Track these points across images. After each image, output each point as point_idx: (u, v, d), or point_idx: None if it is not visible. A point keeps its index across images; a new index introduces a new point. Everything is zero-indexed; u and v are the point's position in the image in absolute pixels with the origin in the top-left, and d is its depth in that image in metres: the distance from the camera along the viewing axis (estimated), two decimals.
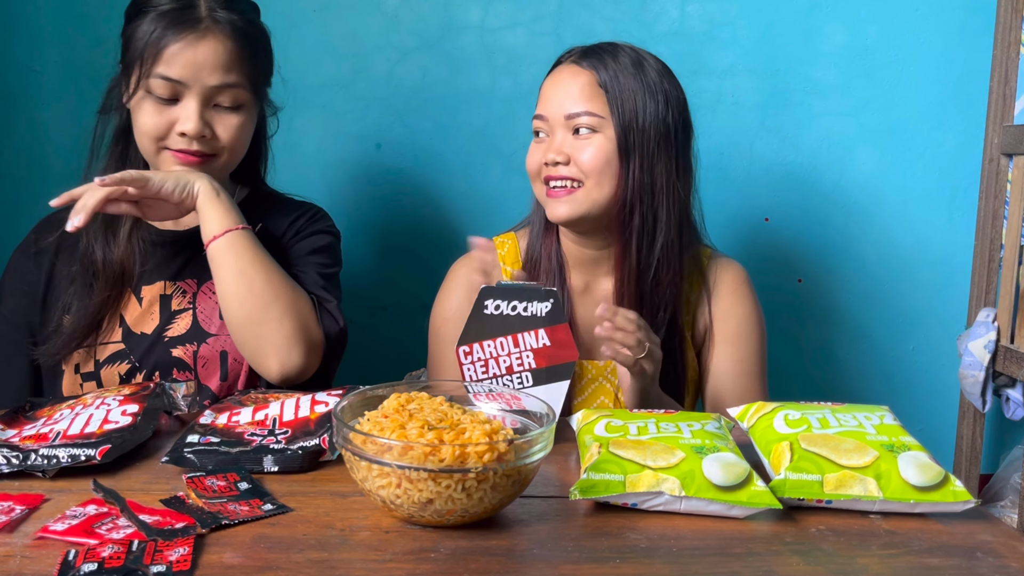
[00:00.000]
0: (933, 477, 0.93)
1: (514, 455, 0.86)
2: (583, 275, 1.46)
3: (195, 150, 1.32)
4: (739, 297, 1.47)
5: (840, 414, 1.03)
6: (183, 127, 1.29)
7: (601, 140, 1.35)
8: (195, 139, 1.31)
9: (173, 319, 1.39)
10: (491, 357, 1.07)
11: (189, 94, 1.29)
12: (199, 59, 1.28)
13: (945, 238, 1.98)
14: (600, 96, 1.36)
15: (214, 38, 1.30)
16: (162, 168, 1.34)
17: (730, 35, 1.90)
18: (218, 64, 1.30)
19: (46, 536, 0.83)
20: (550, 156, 1.36)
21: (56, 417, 1.08)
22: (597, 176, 1.35)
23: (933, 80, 1.93)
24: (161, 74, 1.28)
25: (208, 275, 1.37)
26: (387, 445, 0.85)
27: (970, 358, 1.84)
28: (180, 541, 0.81)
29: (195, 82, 1.29)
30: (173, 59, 1.27)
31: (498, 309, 1.07)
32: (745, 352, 1.45)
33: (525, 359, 1.06)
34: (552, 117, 1.38)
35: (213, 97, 1.31)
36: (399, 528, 0.88)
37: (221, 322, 1.38)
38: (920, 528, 0.92)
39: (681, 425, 1.02)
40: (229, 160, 1.38)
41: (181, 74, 1.28)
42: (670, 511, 0.93)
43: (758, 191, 1.96)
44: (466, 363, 1.08)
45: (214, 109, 1.32)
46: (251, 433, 1.08)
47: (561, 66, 1.42)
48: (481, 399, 1.04)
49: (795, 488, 0.93)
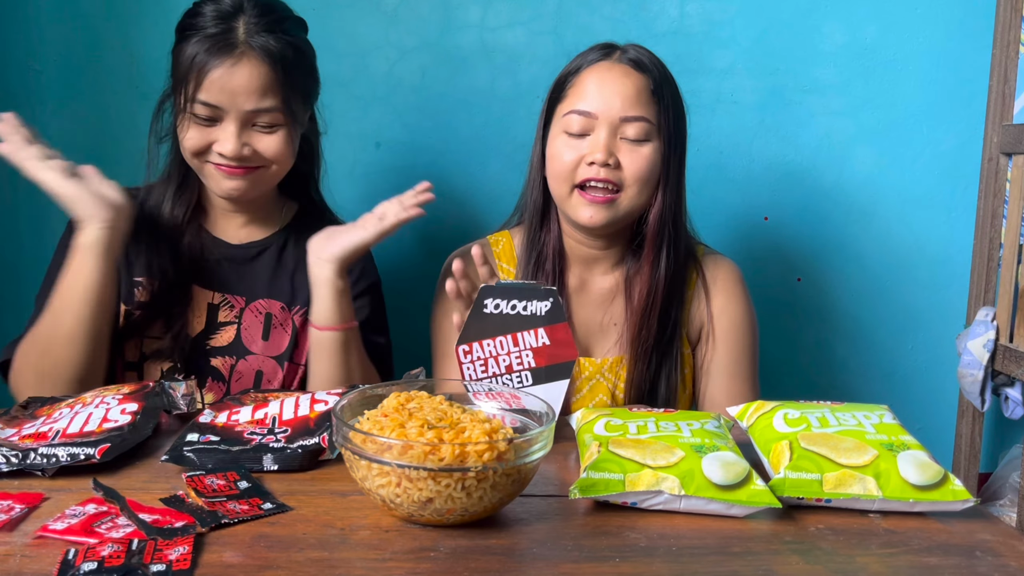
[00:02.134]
0: (932, 476, 0.93)
1: (514, 454, 0.86)
2: (580, 273, 1.47)
3: (236, 164, 1.36)
4: (732, 295, 1.47)
5: (839, 413, 1.03)
6: (221, 148, 1.34)
7: (652, 149, 1.35)
8: (233, 159, 1.35)
9: (218, 329, 1.45)
10: (491, 356, 1.07)
11: (227, 117, 1.33)
12: (235, 85, 1.32)
13: (944, 237, 1.98)
14: (653, 103, 1.36)
15: (249, 63, 1.32)
16: (209, 180, 1.40)
17: (729, 34, 1.90)
18: (253, 90, 1.33)
19: (46, 535, 0.83)
20: (597, 156, 1.33)
21: (55, 416, 1.08)
22: (641, 185, 1.35)
23: (932, 79, 1.93)
24: (201, 100, 1.32)
25: (256, 294, 1.49)
26: (387, 444, 0.85)
27: (969, 357, 1.84)
28: (180, 540, 0.81)
29: (232, 107, 1.32)
30: (211, 85, 1.31)
31: (498, 308, 1.07)
32: (737, 351, 1.46)
33: (525, 358, 1.06)
34: (603, 115, 1.35)
35: (250, 120, 1.35)
36: (399, 527, 0.88)
37: (264, 343, 1.46)
38: (919, 527, 0.92)
39: (681, 424, 1.03)
40: (279, 171, 1.42)
41: (219, 100, 1.32)
42: (670, 510, 0.93)
43: (757, 190, 1.96)
44: (465, 362, 1.08)
45: (252, 129, 1.36)
46: (251, 432, 1.08)
47: (607, 62, 1.39)
48: (481, 398, 1.04)
49: (794, 487, 0.93)
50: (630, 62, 1.38)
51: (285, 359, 1.46)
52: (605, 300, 1.47)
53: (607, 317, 1.46)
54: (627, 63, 1.38)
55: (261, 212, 1.51)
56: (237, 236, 1.49)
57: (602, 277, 1.47)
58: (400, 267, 1.94)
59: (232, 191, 1.39)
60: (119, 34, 1.82)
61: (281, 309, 1.48)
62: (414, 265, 1.93)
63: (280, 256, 1.50)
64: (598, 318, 1.47)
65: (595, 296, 1.47)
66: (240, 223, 1.50)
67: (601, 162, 1.33)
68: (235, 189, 1.38)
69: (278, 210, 1.54)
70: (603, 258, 1.45)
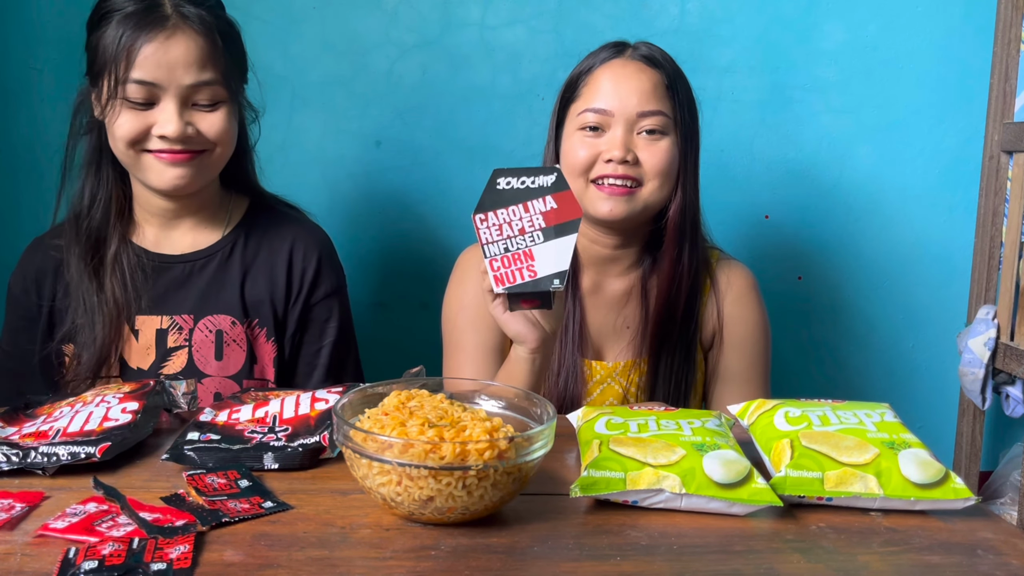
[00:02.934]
0: (934, 474, 0.92)
1: (515, 452, 0.86)
2: (594, 274, 1.46)
3: (180, 148, 1.27)
4: (747, 302, 1.47)
5: (840, 411, 1.03)
6: (163, 130, 1.25)
7: (670, 143, 1.36)
8: (177, 140, 1.26)
9: (169, 356, 1.37)
10: (504, 222, 1.12)
11: (166, 96, 1.25)
12: (172, 59, 1.24)
13: (945, 235, 1.98)
14: (668, 98, 1.37)
15: (184, 35, 1.25)
16: (148, 173, 1.29)
17: (730, 32, 1.90)
18: (191, 62, 1.25)
19: (46, 534, 0.83)
20: (615, 153, 1.34)
21: (56, 415, 1.08)
22: (661, 179, 1.36)
23: (933, 77, 1.93)
24: (135, 78, 1.23)
25: (205, 311, 1.38)
26: (387, 443, 0.85)
27: (970, 355, 1.84)
28: (180, 539, 0.81)
29: (170, 83, 1.25)
30: (145, 62, 1.23)
31: (509, 184, 1.13)
32: (751, 358, 1.45)
33: (535, 220, 1.12)
34: (619, 112, 1.35)
35: (190, 96, 1.27)
36: (399, 526, 0.88)
37: (217, 363, 1.37)
38: (921, 525, 0.92)
39: (682, 423, 1.02)
40: (223, 154, 1.33)
41: (155, 76, 1.24)
42: (671, 508, 0.93)
43: (758, 189, 1.96)
44: (482, 228, 1.13)
45: (193, 109, 1.28)
46: (251, 430, 1.07)
47: (620, 59, 1.39)
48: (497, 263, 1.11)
49: (796, 485, 0.93)
50: (643, 58, 1.38)
51: (243, 376, 1.39)
52: (619, 303, 1.46)
53: (620, 320, 1.46)
54: (640, 59, 1.38)
55: (206, 212, 1.41)
56: (180, 245, 1.40)
57: (617, 279, 1.46)
58: (400, 265, 1.94)
59: (177, 180, 1.29)
60: None
61: (231, 324, 1.38)
62: (414, 263, 1.93)
63: (226, 264, 1.40)
64: (611, 321, 1.46)
65: (609, 298, 1.46)
66: (184, 230, 1.40)
67: (619, 159, 1.33)
68: (180, 178, 1.29)
69: (224, 209, 1.44)
70: (618, 259, 1.45)
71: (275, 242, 1.43)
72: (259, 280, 1.41)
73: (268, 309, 1.41)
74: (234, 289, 1.39)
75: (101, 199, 1.37)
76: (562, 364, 1.40)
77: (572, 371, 1.40)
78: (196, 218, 1.40)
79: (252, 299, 1.40)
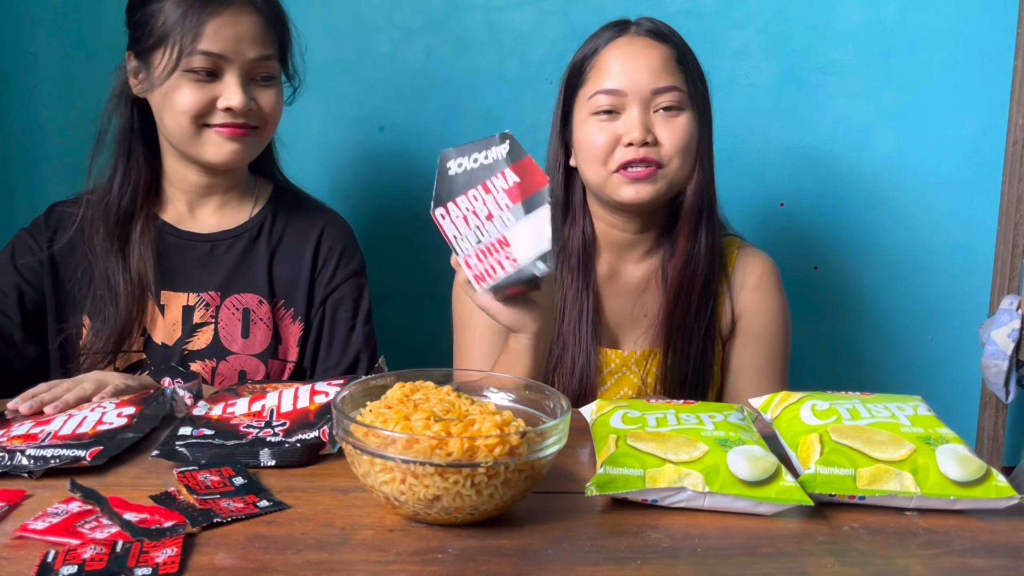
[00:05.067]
0: (974, 472, 0.87)
1: (527, 448, 0.81)
2: (611, 260, 1.41)
3: (241, 123, 1.31)
4: (767, 292, 1.42)
5: (871, 404, 0.97)
6: (229, 102, 1.29)
7: (688, 119, 1.31)
8: (241, 113, 1.30)
9: (195, 332, 1.38)
10: (467, 211, 1.04)
11: (230, 68, 1.29)
12: (239, 33, 1.29)
13: (966, 223, 1.92)
14: (680, 72, 1.31)
15: (248, 12, 1.30)
16: (205, 147, 1.31)
17: (744, 14, 1.84)
18: (256, 37, 1.30)
19: (25, 535, 0.78)
20: (634, 135, 1.28)
21: (47, 417, 1.03)
22: (683, 156, 1.31)
23: (954, 60, 1.87)
24: (203, 50, 1.27)
25: (232, 289, 1.40)
26: (391, 438, 0.79)
27: (993, 347, 1.79)
28: (168, 541, 0.76)
29: (236, 56, 1.29)
30: (215, 34, 1.27)
31: (460, 167, 1.05)
32: (770, 351, 1.40)
33: (500, 201, 1.03)
34: (632, 91, 1.29)
35: (252, 71, 1.31)
36: (404, 526, 0.83)
37: (243, 340, 1.39)
38: (960, 526, 0.86)
39: (703, 416, 0.97)
40: (269, 133, 1.38)
41: (224, 48, 1.28)
42: (693, 508, 0.87)
43: (773, 175, 1.90)
44: (445, 223, 1.06)
45: (251, 83, 1.32)
46: (247, 425, 1.02)
47: (626, 37, 1.34)
48: (472, 260, 1.04)
49: (826, 483, 0.87)
50: (649, 33, 1.33)
51: (268, 356, 1.40)
52: (637, 289, 1.41)
53: (637, 307, 1.41)
54: (647, 34, 1.33)
55: (235, 192, 1.44)
56: (207, 224, 1.43)
57: (635, 265, 1.41)
58: (404, 254, 1.89)
59: (233, 155, 1.32)
60: (114, 16, 1.76)
61: (259, 303, 1.41)
62: (418, 252, 1.88)
63: (254, 244, 1.43)
64: (628, 308, 1.41)
65: (626, 285, 1.41)
66: (211, 209, 1.43)
67: (639, 141, 1.28)
68: (236, 152, 1.32)
69: (251, 191, 1.47)
70: (637, 244, 1.39)
71: (302, 226, 1.46)
72: (286, 261, 1.43)
73: (294, 290, 1.43)
74: (262, 269, 1.42)
75: (132, 177, 1.38)
76: (576, 352, 1.35)
77: (587, 359, 1.34)
78: (224, 197, 1.44)
79: (280, 279, 1.43)
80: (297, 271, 1.43)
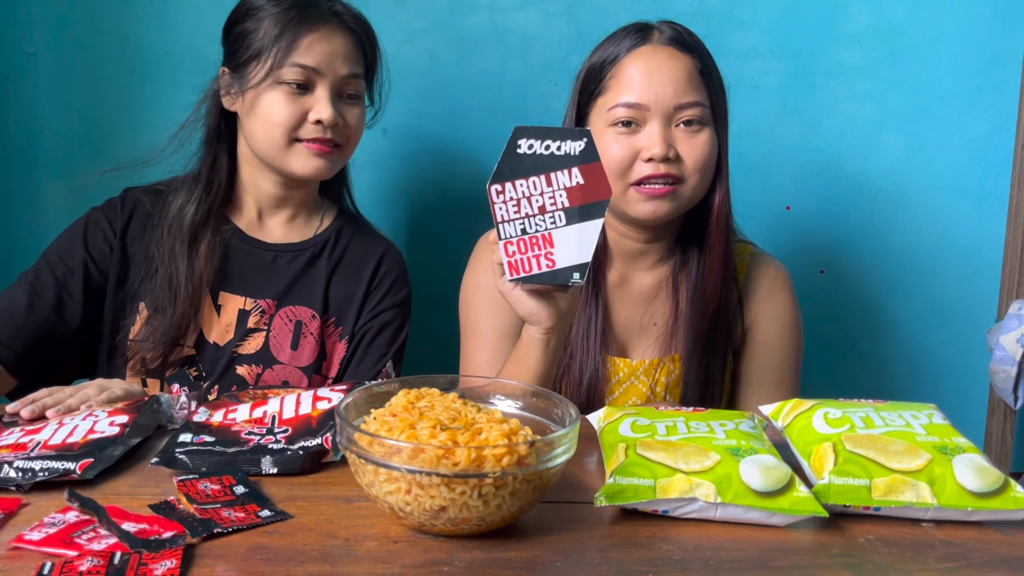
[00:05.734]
0: (992, 482, 0.85)
1: (535, 458, 0.79)
2: (621, 268, 1.39)
3: (329, 139, 1.33)
4: (781, 301, 1.40)
5: (884, 412, 0.95)
6: (319, 115, 1.31)
7: (709, 134, 1.28)
8: (329, 127, 1.32)
9: (247, 336, 1.40)
10: (523, 196, 1.02)
11: (322, 83, 1.32)
12: (333, 49, 1.33)
13: (974, 227, 1.90)
14: (704, 85, 1.28)
15: (342, 30, 1.35)
16: (292, 160, 1.34)
17: (750, 15, 1.82)
18: (348, 54, 1.35)
19: (21, 546, 0.76)
20: (655, 151, 1.24)
21: (38, 424, 1.01)
22: (702, 174, 1.28)
23: (962, 62, 1.85)
24: (298, 62, 1.30)
25: (288, 300, 1.42)
26: (396, 447, 0.77)
27: (1002, 352, 1.77)
28: (167, 553, 0.74)
29: (329, 71, 1.32)
30: (310, 48, 1.31)
31: (531, 148, 1.02)
32: (782, 359, 1.38)
33: (558, 198, 1.01)
34: (655, 105, 1.25)
35: (341, 87, 1.35)
36: (409, 537, 0.81)
37: (292, 352, 1.41)
38: (978, 538, 0.84)
39: (713, 424, 0.95)
40: (349, 153, 1.41)
41: (318, 62, 1.31)
42: (704, 519, 0.85)
43: (779, 178, 1.88)
44: (498, 202, 1.03)
45: (340, 100, 1.35)
46: (248, 432, 1.00)
47: (647, 47, 1.29)
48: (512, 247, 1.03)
49: (841, 494, 0.86)
50: (673, 42, 1.29)
51: (313, 370, 1.42)
52: (647, 298, 1.39)
53: (647, 316, 1.39)
54: (670, 44, 1.29)
55: (305, 209, 1.48)
56: (274, 234, 1.45)
57: (645, 273, 1.39)
58: (407, 257, 1.86)
59: (318, 169, 1.35)
60: (114, 15, 1.75)
61: (311, 317, 1.43)
62: (421, 255, 1.86)
63: (315, 260, 1.46)
64: (638, 317, 1.39)
65: (636, 293, 1.39)
66: (281, 220, 1.46)
67: (660, 157, 1.25)
68: (322, 167, 1.35)
69: (318, 210, 1.50)
70: (647, 252, 1.37)
71: (363, 251, 1.49)
72: (343, 282, 1.46)
73: (347, 310, 1.45)
74: (319, 285, 1.44)
75: (214, 183, 1.41)
76: (585, 360, 1.33)
77: (595, 368, 1.32)
78: (294, 211, 1.47)
79: (335, 298, 1.45)
80: (352, 292, 1.46)
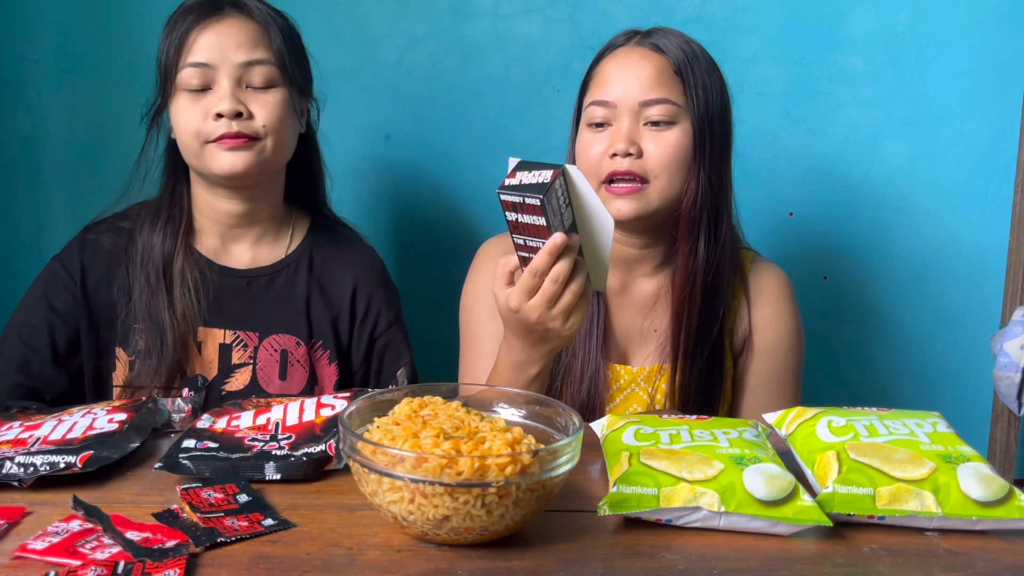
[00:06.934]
0: (997, 491, 0.85)
1: (539, 467, 0.79)
2: (620, 275, 1.38)
3: (236, 131, 1.26)
4: (781, 307, 1.39)
5: (888, 421, 0.95)
6: (218, 108, 1.25)
7: (678, 133, 1.27)
8: (232, 119, 1.26)
9: (232, 372, 1.36)
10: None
11: (219, 76, 1.27)
12: (223, 39, 1.27)
13: (978, 233, 1.89)
14: (677, 84, 1.28)
15: (236, 19, 1.29)
16: (209, 162, 1.28)
17: (753, 21, 1.82)
18: (243, 41, 1.28)
19: (24, 555, 0.76)
20: (618, 146, 1.25)
21: (37, 421, 1.01)
22: (670, 173, 1.27)
23: (966, 67, 1.84)
24: (190, 63, 1.27)
25: (271, 329, 1.37)
26: (399, 456, 0.77)
27: (1006, 359, 1.76)
28: (171, 562, 0.74)
29: (222, 62, 1.27)
30: (202, 46, 1.27)
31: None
32: (782, 366, 1.38)
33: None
34: (622, 103, 1.27)
35: (243, 76, 1.28)
36: (412, 547, 0.81)
37: (281, 382, 1.37)
38: (983, 547, 0.84)
39: (716, 433, 0.95)
40: (275, 146, 1.31)
41: (208, 56, 1.27)
42: (708, 528, 0.85)
43: (782, 184, 1.88)
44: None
45: (247, 90, 1.29)
46: (252, 438, 1.00)
47: (625, 47, 1.32)
48: None
49: (845, 503, 0.85)
50: (650, 45, 1.31)
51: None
52: (647, 305, 1.39)
53: (647, 323, 1.38)
54: (647, 46, 1.31)
55: (272, 226, 1.41)
56: (242, 260, 1.39)
57: (644, 280, 1.39)
58: (409, 263, 1.87)
59: (234, 166, 1.27)
60: (118, 22, 1.76)
61: (296, 345, 1.38)
62: (423, 261, 1.86)
63: (292, 283, 1.40)
64: (638, 323, 1.39)
65: (636, 300, 1.39)
66: (246, 244, 1.40)
67: (622, 152, 1.25)
68: (238, 162, 1.27)
69: (286, 226, 1.44)
70: (645, 259, 1.37)
71: (338, 267, 1.44)
72: (323, 303, 1.41)
73: (331, 333, 1.41)
74: (299, 310, 1.40)
75: (176, 212, 1.37)
76: (585, 367, 1.33)
77: (595, 375, 1.32)
78: (258, 232, 1.40)
79: (317, 319, 1.41)
80: (335, 316, 1.42)
